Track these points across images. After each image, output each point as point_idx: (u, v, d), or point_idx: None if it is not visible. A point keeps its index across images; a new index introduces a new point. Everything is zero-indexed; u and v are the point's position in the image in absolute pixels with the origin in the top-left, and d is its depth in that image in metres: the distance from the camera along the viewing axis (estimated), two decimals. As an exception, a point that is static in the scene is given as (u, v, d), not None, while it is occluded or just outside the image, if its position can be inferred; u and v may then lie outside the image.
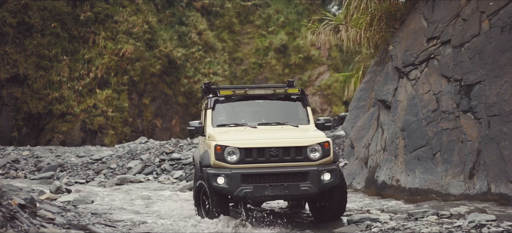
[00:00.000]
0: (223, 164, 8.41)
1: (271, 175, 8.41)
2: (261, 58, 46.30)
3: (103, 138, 37.31)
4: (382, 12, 12.97)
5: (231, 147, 8.40)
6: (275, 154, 8.46)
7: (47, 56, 37.87)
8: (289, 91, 9.54)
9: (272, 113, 9.56)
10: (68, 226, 7.14)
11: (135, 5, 41.67)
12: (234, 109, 9.49)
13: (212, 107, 9.38)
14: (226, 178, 8.33)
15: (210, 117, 9.32)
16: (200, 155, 9.29)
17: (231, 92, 9.47)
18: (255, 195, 8.37)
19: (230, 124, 9.23)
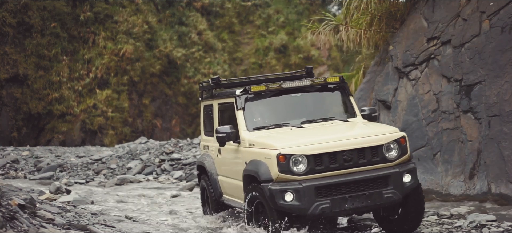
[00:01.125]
0: (289, 177, 6.89)
1: (349, 184, 7.04)
2: (261, 58, 46.30)
3: (103, 138, 37.30)
4: (382, 12, 12.96)
5: (297, 155, 6.90)
6: (349, 158, 7.07)
7: (47, 56, 37.87)
8: (329, 80, 8.24)
9: (312, 108, 8.27)
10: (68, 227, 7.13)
11: (135, 5, 41.66)
12: (268, 106, 8.06)
13: (243, 107, 7.88)
14: (295, 194, 6.83)
15: (242, 120, 7.82)
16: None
17: (263, 87, 7.94)
18: (333, 211, 6.96)
19: (270, 125, 7.82)
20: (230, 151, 8.12)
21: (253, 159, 7.34)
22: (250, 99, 7.97)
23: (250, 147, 7.52)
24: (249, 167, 7.39)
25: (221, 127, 7.78)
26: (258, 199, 7.20)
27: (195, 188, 14.57)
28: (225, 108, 8.43)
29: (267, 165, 7.03)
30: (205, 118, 9.39)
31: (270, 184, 6.95)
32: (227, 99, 8.32)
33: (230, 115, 8.16)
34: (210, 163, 8.99)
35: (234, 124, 7.93)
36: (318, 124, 7.87)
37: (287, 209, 6.90)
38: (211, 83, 8.81)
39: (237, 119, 7.91)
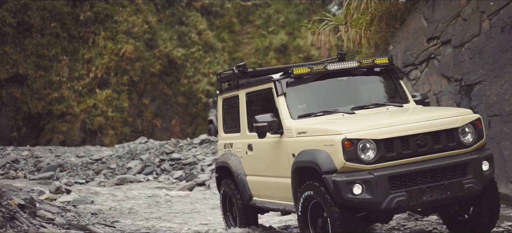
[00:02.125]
0: (356, 166, 5.91)
1: (426, 172, 6.09)
2: (261, 58, 46.29)
3: (103, 138, 37.31)
4: (382, 12, 12.96)
5: (365, 139, 5.92)
6: (423, 142, 6.13)
7: (46, 56, 37.88)
8: (377, 61, 7.32)
9: (360, 93, 7.39)
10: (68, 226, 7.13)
11: (135, 5, 41.67)
12: (312, 92, 7.12)
13: (284, 92, 6.90)
14: (365, 186, 5.85)
15: (284, 106, 6.83)
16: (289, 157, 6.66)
17: (307, 70, 6.99)
18: (410, 204, 5.99)
19: (317, 112, 6.82)
20: (267, 145, 7.09)
21: (306, 149, 6.30)
22: (291, 84, 7.00)
23: (299, 136, 6.50)
24: (301, 159, 6.31)
25: (261, 116, 6.74)
26: (315, 199, 6.16)
27: (196, 188, 14.56)
28: (257, 97, 7.45)
29: (328, 153, 5.99)
30: (225, 113, 8.35)
31: (334, 175, 5.91)
32: (261, 86, 7.27)
33: (264, 104, 7.20)
34: (236, 163, 7.85)
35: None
36: (372, 110, 6.96)
37: (355, 204, 5.88)
38: (236, 71, 7.80)
39: (277, 107, 6.88)
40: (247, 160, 7.68)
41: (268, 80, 7.16)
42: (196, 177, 15.87)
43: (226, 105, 8.31)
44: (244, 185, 7.74)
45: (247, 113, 7.65)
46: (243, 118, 7.72)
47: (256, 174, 7.56)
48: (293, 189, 6.54)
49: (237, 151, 7.89)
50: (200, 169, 16.88)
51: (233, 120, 8.06)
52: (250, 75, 7.86)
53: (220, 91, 8.42)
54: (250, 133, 7.50)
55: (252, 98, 7.59)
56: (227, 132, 8.29)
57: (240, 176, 7.78)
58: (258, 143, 7.32)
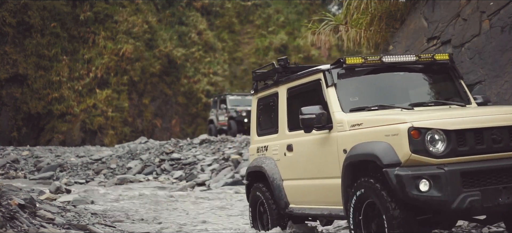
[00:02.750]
0: (423, 159, 5.21)
1: (502, 171, 5.37)
2: (261, 58, 46.30)
3: (103, 138, 37.32)
4: (382, 12, 12.95)
5: (434, 129, 5.24)
6: (499, 138, 5.42)
7: (46, 56, 37.90)
8: (437, 57, 6.65)
9: (418, 90, 6.78)
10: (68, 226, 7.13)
11: (135, 5, 41.68)
12: (365, 85, 6.52)
13: (334, 83, 6.24)
14: (434, 182, 5.16)
15: (335, 98, 6.17)
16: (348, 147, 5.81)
17: (360, 60, 6.36)
18: (485, 206, 5.28)
19: (371, 106, 6.14)
20: (312, 143, 6.40)
21: (362, 142, 5.61)
22: (342, 75, 6.35)
23: (353, 129, 5.83)
24: (356, 152, 5.60)
25: (308, 108, 6.05)
26: (370, 198, 5.46)
27: (196, 188, 14.56)
28: (300, 92, 6.81)
29: (390, 144, 5.31)
30: (260, 114, 7.67)
31: (397, 169, 5.19)
32: (307, 79, 6.65)
33: (309, 100, 6.46)
34: (272, 167, 7.15)
35: None
36: (433, 108, 6.30)
37: (421, 203, 5.19)
38: (277, 66, 7.24)
39: (327, 99, 6.22)
40: (285, 163, 6.98)
41: (316, 71, 6.50)
42: (196, 177, 15.87)
43: (261, 105, 7.64)
44: (280, 191, 7.01)
45: (287, 110, 6.99)
46: (282, 117, 7.06)
47: (295, 177, 6.84)
48: (343, 189, 5.81)
49: (273, 154, 7.20)
50: (200, 169, 16.89)
51: (270, 121, 7.40)
52: (291, 70, 7.23)
53: (255, 91, 7.70)
54: (290, 133, 6.87)
55: (295, 94, 6.92)
56: (261, 134, 7.61)
57: (275, 181, 7.05)
58: (300, 143, 6.66)
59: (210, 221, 9.25)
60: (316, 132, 6.21)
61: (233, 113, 25.06)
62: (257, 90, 7.71)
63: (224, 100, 26.34)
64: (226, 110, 25.66)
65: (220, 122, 26.15)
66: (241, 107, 25.31)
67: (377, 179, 5.42)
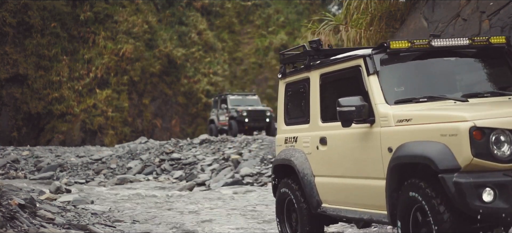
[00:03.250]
0: (487, 164, 4.54)
1: None
2: (261, 58, 46.32)
3: (103, 138, 37.33)
4: (382, 12, 12.95)
5: (499, 129, 4.54)
6: None
7: (47, 56, 37.93)
8: (492, 40, 5.88)
9: (472, 78, 5.99)
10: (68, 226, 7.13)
11: (135, 5, 41.70)
12: (411, 72, 5.75)
13: (376, 71, 5.46)
14: (500, 191, 4.46)
15: (378, 88, 5.40)
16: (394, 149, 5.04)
17: (407, 44, 5.57)
18: None
19: (420, 97, 5.38)
20: (350, 138, 5.68)
21: (411, 140, 4.92)
22: (386, 61, 5.55)
23: (400, 125, 5.10)
24: (405, 153, 4.92)
25: (346, 99, 5.30)
26: (418, 203, 4.79)
27: (196, 188, 14.57)
28: (336, 79, 6.04)
29: (447, 146, 4.63)
30: (288, 101, 6.93)
31: (455, 175, 4.51)
32: (344, 64, 5.84)
33: (346, 88, 5.76)
34: (302, 161, 6.39)
35: None
36: (489, 99, 5.51)
37: (485, 215, 4.49)
38: (309, 49, 6.45)
39: (368, 89, 5.44)
40: (318, 158, 6.21)
41: (355, 56, 5.69)
42: (196, 177, 15.88)
43: (290, 91, 6.86)
44: (312, 188, 6.25)
45: (320, 99, 6.19)
46: (314, 106, 6.26)
47: (329, 174, 6.11)
48: (388, 193, 5.11)
49: (303, 147, 6.42)
50: (200, 169, 16.89)
51: (300, 109, 6.61)
52: (325, 53, 6.45)
53: (283, 75, 6.94)
54: (323, 124, 6.09)
55: (329, 81, 6.13)
56: (290, 123, 6.84)
57: (306, 177, 6.30)
58: (335, 136, 5.89)
59: (210, 221, 9.25)
60: (356, 125, 5.47)
61: (234, 113, 24.98)
62: (285, 74, 6.92)
63: (225, 100, 26.26)
64: (226, 110, 25.60)
65: (220, 122, 26.10)
66: (241, 107, 25.25)
67: (428, 183, 4.72)
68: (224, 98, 26.43)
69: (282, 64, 7.02)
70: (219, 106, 26.45)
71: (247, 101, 26.20)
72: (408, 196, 4.87)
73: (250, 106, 25.51)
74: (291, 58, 6.90)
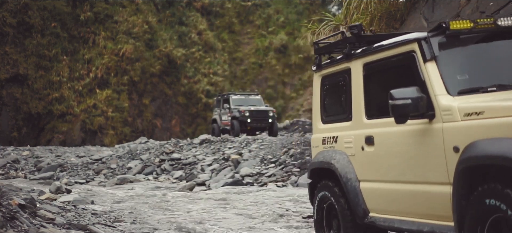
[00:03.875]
0: None
1: None
2: (261, 58, 46.33)
3: (103, 138, 37.33)
4: (382, 12, 12.95)
5: None
6: None
7: (47, 56, 37.94)
8: None
9: None
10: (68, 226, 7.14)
11: (135, 5, 41.71)
12: (477, 57, 4.97)
13: (434, 56, 4.72)
14: None
15: (437, 77, 4.66)
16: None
17: (469, 25, 4.84)
18: None
19: (488, 87, 4.63)
20: (403, 136, 4.88)
21: (483, 138, 4.16)
22: (445, 45, 4.81)
23: (469, 119, 4.34)
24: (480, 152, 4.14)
25: (399, 91, 4.54)
26: (501, 212, 4.03)
27: (196, 188, 14.57)
28: (384, 68, 5.24)
29: None
30: (325, 96, 6.16)
31: None
32: (394, 51, 5.06)
33: (396, 79, 5.03)
34: (344, 163, 5.64)
35: None
36: None
37: None
38: (349, 35, 5.67)
39: (425, 78, 4.71)
40: (363, 160, 5.43)
41: (407, 41, 4.93)
42: (196, 177, 15.88)
43: (327, 84, 6.09)
44: (357, 195, 5.47)
45: (364, 92, 5.44)
46: (357, 100, 5.49)
47: (377, 179, 5.29)
48: (456, 200, 4.36)
49: (345, 147, 5.65)
50: (200, 169, 16.90)
51: (340, 105, 5.84)
52: (367, 40, 5.65)
53: (318, 67, 6.16)
54: (369, 121, 5.32)
55: (375, 71, 5.37)
56: (328, 121, 6.08)
57: (350, 183, 5.53)
58: (384, 135, 5.13)
59: (210, 221, 9.25)
60: (411, 122, 4.74)
61: (236, 113, 24.73)
62: (320, 66, 6.14)
63: (227, 100, 26.00)
64: (229, 109, 25.37)
65: (223, 122, 25.86)
66: (244, 107, 24.99)
67: (506, 185, 4.01)
68: (227, 98, 26.19)
69: (316, 54, 6.23)
70: (221, 106, 26.21)
71: (249, 101, 25.98)
72: (484, 204, 4.12)
73: (253, 106, 25.28)
74: (327, 48, 6.14)
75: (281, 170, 15.56)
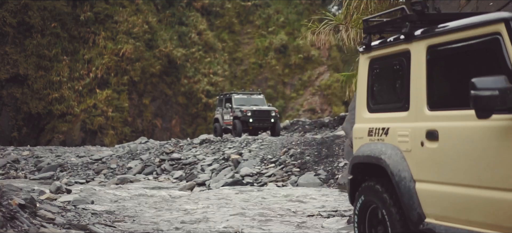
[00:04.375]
0: None
1: None
2: (261, 58, 46.33)
3: (103, 138, 37.34)
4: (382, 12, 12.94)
5: None
6: None
7: (47, 56, 37.94)
8: None
9: None
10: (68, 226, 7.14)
11: (135, 5, 41.71)
12: None
13: None
14: None
15: None
16: None
17: None
18: None
19: None
20: (483, 133, 4.16)
21: None
22: None
23: None
24: None
25: (483, 80, 3.82)
26: None
27: (196, 188, 14.57)
28: (456, 52, 4.45)
29: None
30: (374, 81, 5.41)
31: None
32: (470, 32, 4.27)
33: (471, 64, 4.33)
34: (397, 160, 4.87)
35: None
36: None
37: None
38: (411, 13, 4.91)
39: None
40: (422, 157, 4.70)
41: (490, 21, 4.15)
42: (196, 177, 15.88)
43: (377, 68, 5.36)
44: (411, 196, 4.74)
45: (427, 79, 4.70)
46: (418, 88, 4.75)
47: (439, 180, 4.56)
48: None
49: (399, 141, 4.91)
50: (200, 169, 16.90)
51: (394, 92, 5.11)
52: (431, 19, 4.89)
53: (367, 47, 5.40)
54: (432, 112, 4.59)
55: (442, 55, 4.62)
56: (376, 110, 5.34)
57: (403, 182, 4.78)
58: (454, 130, 4.39)
59: (210, 221, 9.25)
60: (496, 117, 4.06)
61: (238, 113, 24.55)
62: (370, 47, 5.38)
63: (230, 99, 25.83)
64: (231, 109, 25.21)
65: (225, 121, 25.68)
66: (246, 107, 24.81)
67: None
68: (229, 97, 26.01)
69: (365, 33, 5.47)
70: (223, 105, 26.06)
71: (252, 100, 25.82)
72: None
73: (255, 105, 25.11)
74: (380, 26, 5.34)
75: (281, 170, 15.57)
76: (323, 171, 15.02)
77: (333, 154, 16.29)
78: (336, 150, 16.57)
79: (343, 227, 8.65)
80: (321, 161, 15.91)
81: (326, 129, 27.18)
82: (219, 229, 8.47)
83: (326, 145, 17.12)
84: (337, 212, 9.82)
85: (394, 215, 4.84)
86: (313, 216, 9.64)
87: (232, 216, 9.62)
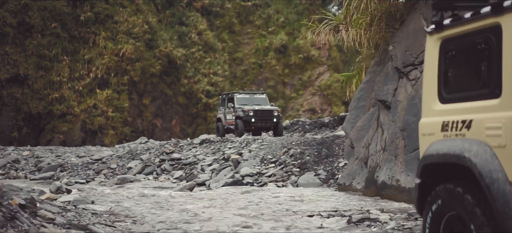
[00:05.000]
0: None
1: None
2: (261, 58, 46.33)
3: (103, 138, 37.35)
4: (382, 12, 12.97)
5: None
6: None
7: (47, 56, 37.95)
8: None
9: None
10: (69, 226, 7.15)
11: (135, 5, 41.72)
12: None
13: None
14: None
15: None
16: None
17: None
18: None
19: None
20: None
21: None
22: None
23: None
24: None
25: None
26: None
27: (196, 188, 14.58)
28: None
29: None
30: (449, 65, 4.57)
31: None
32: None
33: None
34: (487, 158, 3.95)
35: None
36: None
37: None
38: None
39: None
40: None
41: None
42: (196, 177, 15.88)
43: (453, 50, 4.53)
44: (507, 202, 3.84)
45: None
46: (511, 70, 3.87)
47: None
48: None
49: (487, 136, 4.03)
50: (200, 169, 16.90)
51: (478, 76, 4.23)
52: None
53: (438, 26, 4.59)
54: None
55: None
56: (452, 100, 4.48)
57: (496, 185, 3.87)
58: None
59: (210, 221, 9.26)
60: None
61: (240, 113, 24.40)
62: (442, 26, 4.57)
63: (232, 99, 25.66)
64: (233, 109, 25.04)
65: (228, 121, 25.52)
66: (248, 107, 24.63)
67: None
68: (231, 97, 25.84)
69: (435, 10, 4.64)
70: (226, 105, 25.90)
71: (254, 100, 25.64)
72: None
73: (257, 105, 24.95)
74: (450, 3, 4.54)
75: (281, 170, 15.57)
76: (323, 171, 15.03)
77: (333, 154, 16.31)
78: (336, 150, 16.58)
79: (343, 227, 8.66)
80: (321, 161, 15.92)
81: (326, 129, 27.17)
82: (219, 229, 8.47)
83: (326, 145, 17.13)
84: (337, 212, 9.83)
85: (482, 224, 3.94)
86: (313, 216, 9.65)
87: (232, 216, 9.62)
